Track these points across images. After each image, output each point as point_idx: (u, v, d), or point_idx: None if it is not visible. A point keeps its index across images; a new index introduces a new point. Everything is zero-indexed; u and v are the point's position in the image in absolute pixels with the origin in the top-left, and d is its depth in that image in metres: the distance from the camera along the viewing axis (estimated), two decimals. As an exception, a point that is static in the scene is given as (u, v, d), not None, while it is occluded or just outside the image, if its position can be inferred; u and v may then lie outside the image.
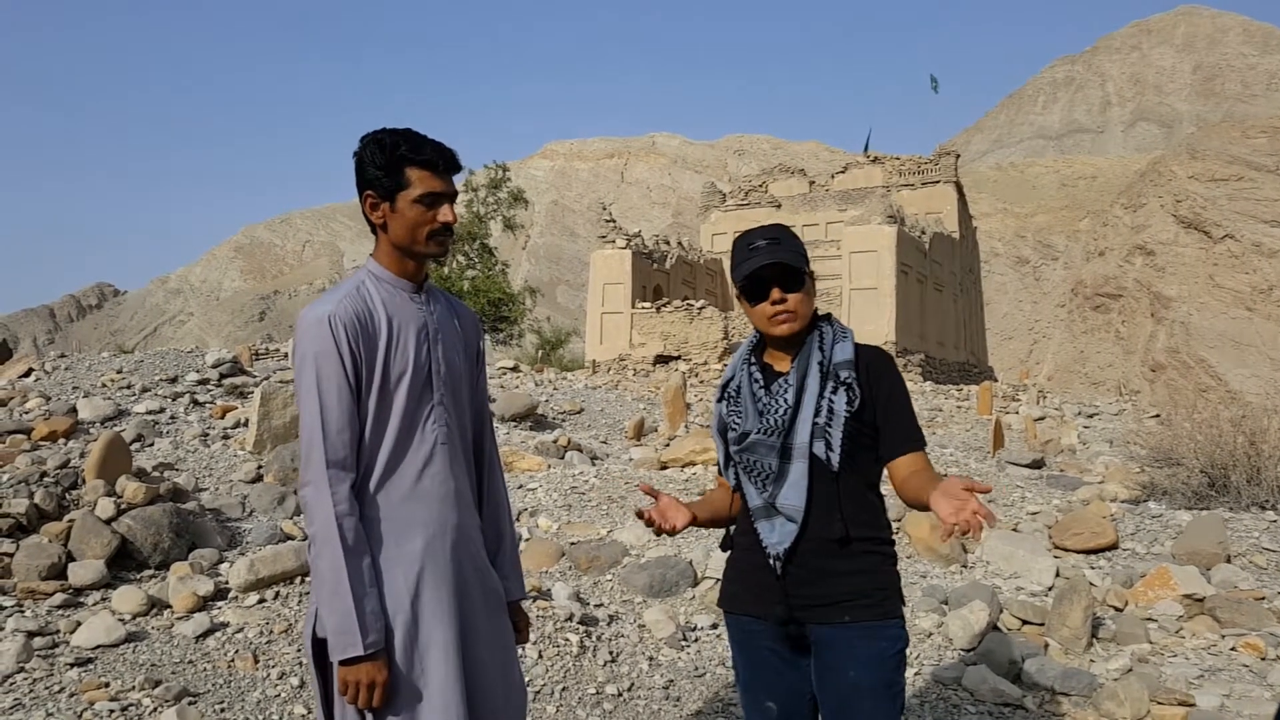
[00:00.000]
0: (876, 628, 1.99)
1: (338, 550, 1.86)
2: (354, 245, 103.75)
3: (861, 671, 1.97)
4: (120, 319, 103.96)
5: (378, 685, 1.87)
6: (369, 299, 1.99)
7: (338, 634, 1.86)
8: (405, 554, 1.96)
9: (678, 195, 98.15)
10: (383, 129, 2.00)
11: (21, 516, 4.65)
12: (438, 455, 2.02)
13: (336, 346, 1.91)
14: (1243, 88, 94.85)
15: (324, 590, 1.88)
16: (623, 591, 5.07)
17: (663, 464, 8.08)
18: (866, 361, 2.06)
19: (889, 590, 2.04)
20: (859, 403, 2.00)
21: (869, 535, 2.04)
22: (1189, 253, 43.05)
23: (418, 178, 1.97)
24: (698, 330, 25.10)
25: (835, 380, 2.02)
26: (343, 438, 1.92)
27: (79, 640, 3.79)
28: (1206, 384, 38.21)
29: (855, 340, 2.09)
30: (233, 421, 8.47)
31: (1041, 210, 66.28)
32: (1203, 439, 7.62)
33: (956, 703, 3.88)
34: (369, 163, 1.98)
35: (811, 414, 2.00)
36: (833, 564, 2.01)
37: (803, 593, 2.02)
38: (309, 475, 1.90)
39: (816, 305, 2.15)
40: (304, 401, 1.93)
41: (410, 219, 1.98)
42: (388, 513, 1.97)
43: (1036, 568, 5.34)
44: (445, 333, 2.09)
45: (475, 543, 2.10)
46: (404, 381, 1.98)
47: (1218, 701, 3.74)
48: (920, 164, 33.45)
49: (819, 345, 2.07)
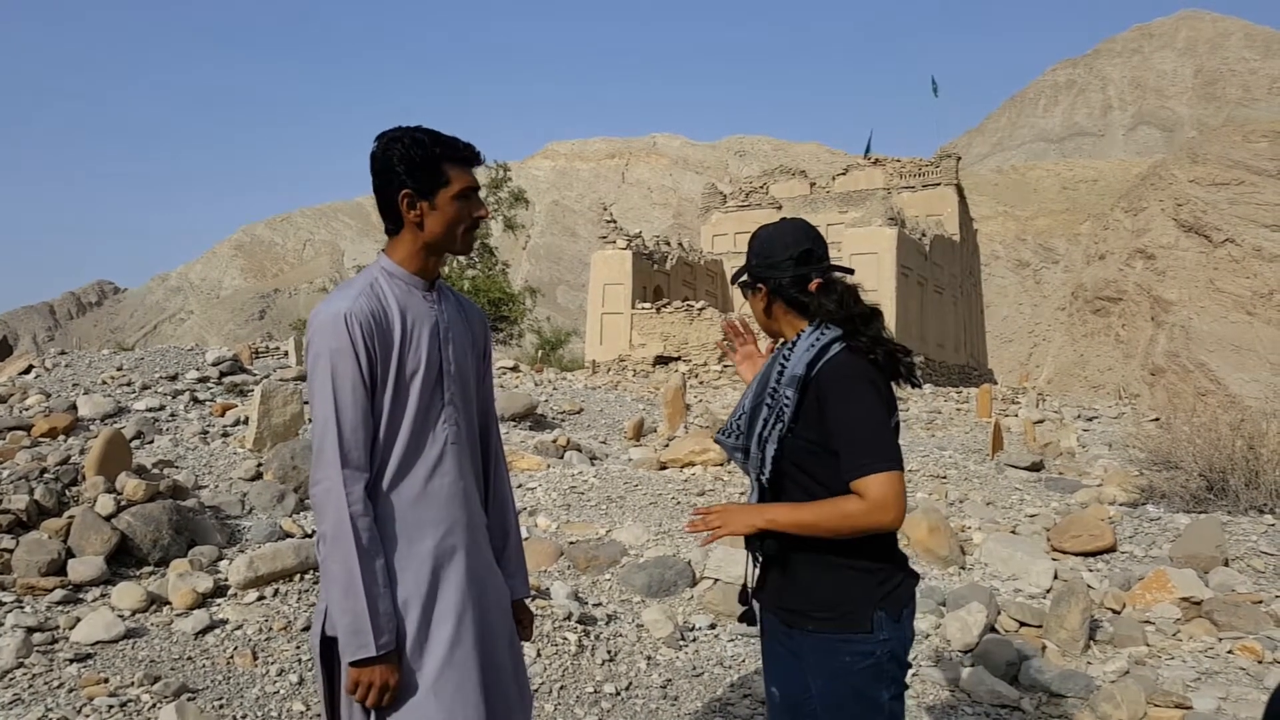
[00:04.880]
0: (839, 641, 1.95)
1: (351, 551, 1.84)
2: (354, 244, 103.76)
3: (828, 682, 1.97)
4: (120, 316, 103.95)
5: (389, 686, 1.87)
6: (383, 296, 1.97)
7: (350, 634, 1.84)
8: (417, 554, 1.95)
9: (678, 196, 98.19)
10: (402, 128, 1.99)
11: (21, 513, 4.66)
12: (448, 455, 2.01)
13: (352, 344, 1.89)
14: (1244, 92, 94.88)
15: (335, 590, 1.85)
16: (621, 591, 5.08)
17: (662, 464, 8.09)
18: (821, 379, 1.93)
19: (854, 603, 1.95)
20: (798, 419, 1.94)
21: (827, 548, 1.96)
22: (1189, 257, 43.06)
23: (456, 174, 1.98)
24: (697, 331, 25.11)
25: (773, 396, 1.98)
26: (357, 436, 1.89)
27: (78, 636, 3.80)
28: (1206, 388, 38.23)
29: (836, 349, 1.95)
30: (233, 419, 8.48)
31: (1042, 213, 66.31)
32: (1201, 443, 7.63)
33: (954, 704, 3.88)
34: (404, 161, 1.95)
35: (761, 425, 2.00)
36: (805, 573, 2.00)
37: (778, 595, 2.06)
38: (321, 474, 1.87)
39: (830, 306, 2.02)
40: (318, 399, 1.90)
41: (450, 215, 1.99)
42: (399, 512, 1.95)
43: (1034, 570, 5.35)
44: (455, 331, 2.08)
45: (484, 541, 2.11)
46: (417, 380, 1.97)
47: (1214, 704, 3.75)
48: (921, 166, 33.47)
49: (782, 356, 2.01)
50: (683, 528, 2.02)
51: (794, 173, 35.94)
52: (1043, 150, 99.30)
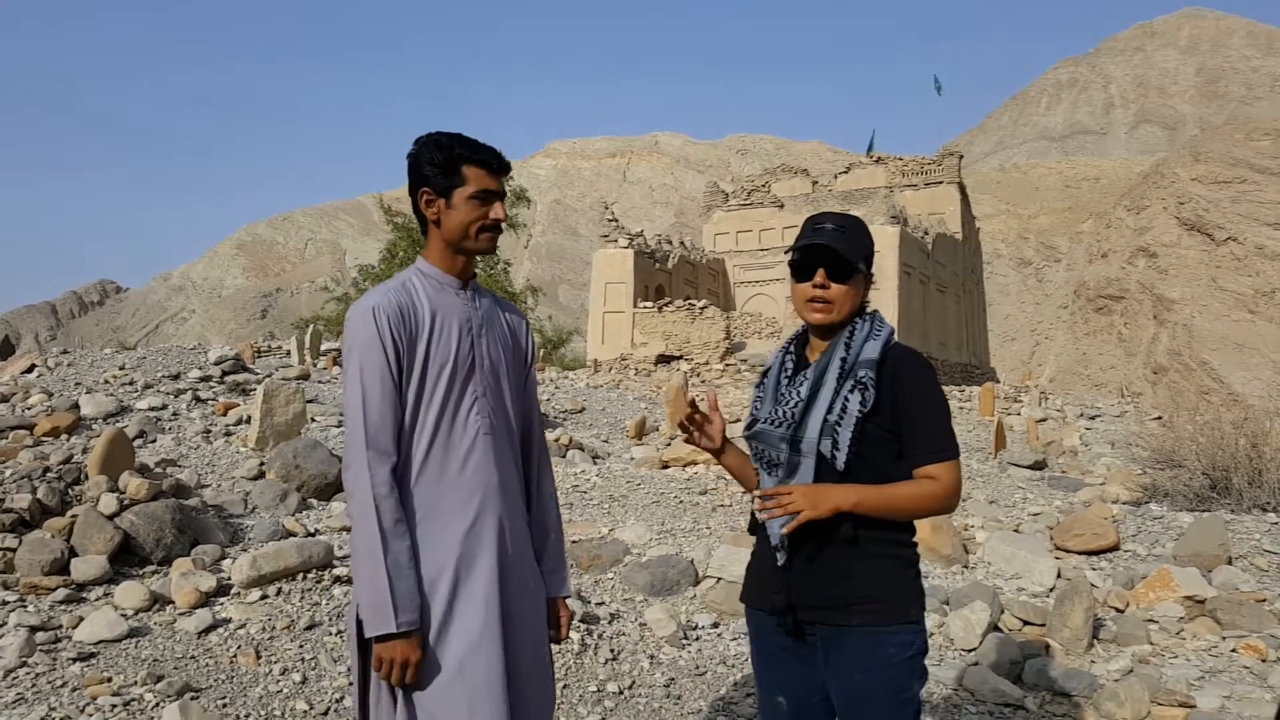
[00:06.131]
0: (885, 633, 1.93)
1: (375, 530, 1.92)
2: (356, 243, 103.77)
3: (867, 676, 1.93)
4: (122, 316, 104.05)
5: (411, 664, 1.92)
6: (414, 293, 2.08)
7: (372, 610, 1.91)
8: (446, 539, 2.01)
9: (680, 195, 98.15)
10: (438, 131, 2.11)
11: (24, 512, 4.66)
12: (480, 446, 2.08)
13: (380, 336, 1.99)
14: (1246, 90, 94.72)
15: (360, 568, 1.94)
16: (624, 590, 5.08)
17: (664, 463, 8.09)
18: (894, 363, 1.97)
19: (902, 594, 1.96)
20: (873, 404, 1.93)
21: (884, 537, 1.97)
22: (1192, 255, 43.01)
23: (473, 175, 2.07)
24: (699, 330, 25.10)
25: (854, 379, 1.95)
26: (383, 423, 1.98)
27: (81, 635, 3.80)
28: (1208, 386, 38.18)
29: (895, 339, 2.02)
30: (235, 418, 8.49)
31: (1044, 212, 66.25)
32: (1204, 441, 7.62)
33: (957, 703, 3.88)
34: (426, 161, 2.07)
35: (824, 410, 1.95)
36: (844, 565, 1.96)
37: (811, 590, 1.97)
38: (350, 458, 1.98)
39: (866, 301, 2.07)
40: (349, 388, 2.02)
41: (463, 215, 2.07)
42: (429, 499, 2.02)
43: (1038, 569, 5.34)
44: (490, 328, 2.16)
45: (520, 535, 2.15)
46: (444, 373, 2.05)
47: (1218, 703, 3.74)
48: (923, 165, 33.44)
49: (846, 341, 2.00)
50: (755, 509, 2.01)
51: (796, 171, 35.90)
52: (1045, 148, 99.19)
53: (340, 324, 27.10)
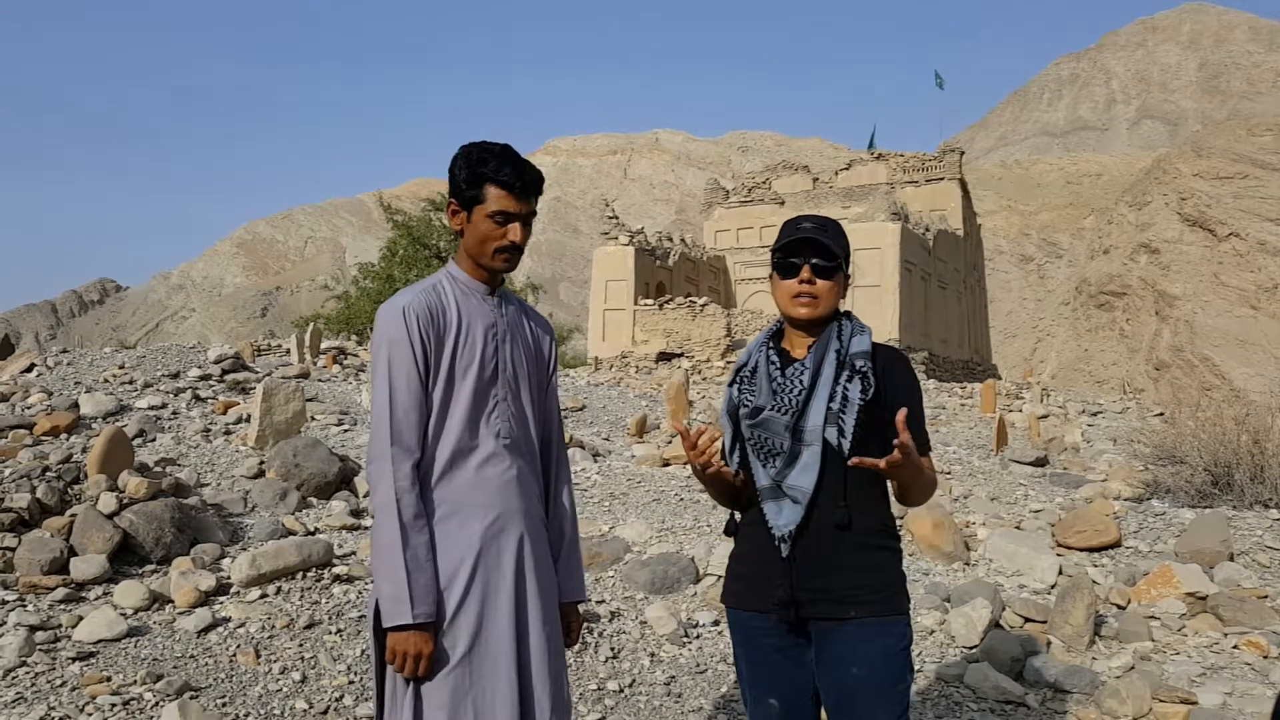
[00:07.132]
0: (882, 625, 1.97)
1: (394, 523, 1.97)
2: (356, 242, 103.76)
3: (865, 668, 1.94)
4: (122, 314, 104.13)
5: (423, 656, 1.97)
6: (443, 295, 2.14)
7: (388, 601, 1.96)
8: (464, 537, 2.06)
9: (681, 192, 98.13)
10: (479, 143, 2.13)
11: (24, 511, 4.65)
12: (500, 448, 2.13)
13: (409, 335, 2.05)
14: (1248, 85, 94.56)
15: (379, 560, 1.99)
16: (624, 588, 5.07)
17: (665, 461, 8.08)
18: (884, 358, 2.06)
19: (896, 586, 2.02)
20: (873, 392, 1.99)
21: (876, 527, 2.02)
22: (1194, 251, 42.96)
23: (494, 195, 2.09)
24: (700, 327, 25.09)
25: (850, 369, 2.01)
26: (409, 419, 2.04)
27: (81, 634, 3.79)
28: (1210, 382, 38.13)
29: (873, 339, 2.10)
30: (235, 417, 8.48)
31: (1046, 208, 66.20)
32: (1206, 437, 7.61)
33: (959, 700, 3.87)
34: (455, 172, 2.12)
35: (826, 399, 1.99)
36: (841, 557, 1.98)
37: (809, 583, 1.98)
38: (375, 453, 2.03)
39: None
40: (376, 384, 2.07)
41: (481, 232, 2.11)
42: (450, 497, 2.07)
43: (1039, 565, 5.33)
44: (515, 334, 2.21)
45: (537, 537, 2.18)
46: (470, 375, 2.10)
47: (1220, 700, 3.73)
48: (924, 161, 33.42)
49: (837, 335, 2.07)
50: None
51: (797, 168, 35.88)
52: (1046, 144, 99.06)
53: (340, 322, 27.12)
